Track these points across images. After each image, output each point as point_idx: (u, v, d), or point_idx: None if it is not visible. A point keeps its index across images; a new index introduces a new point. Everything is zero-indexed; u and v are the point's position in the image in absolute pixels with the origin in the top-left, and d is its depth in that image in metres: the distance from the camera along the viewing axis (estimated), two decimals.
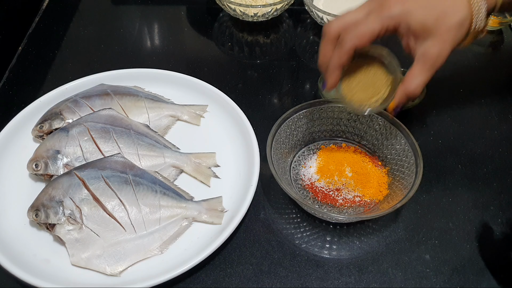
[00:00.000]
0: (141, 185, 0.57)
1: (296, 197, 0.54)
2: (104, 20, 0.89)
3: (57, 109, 0.65)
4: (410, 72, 0.53)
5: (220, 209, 0.58)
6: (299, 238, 0.57)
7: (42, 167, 0.59)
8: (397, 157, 0.61)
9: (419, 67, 0.52)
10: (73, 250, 0.53)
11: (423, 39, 0.51)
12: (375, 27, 0.51)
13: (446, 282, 0.54)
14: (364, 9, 0.53)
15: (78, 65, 0.79)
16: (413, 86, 0.52)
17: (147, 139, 0.63)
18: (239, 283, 0.54)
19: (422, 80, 0.52)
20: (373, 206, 0.59)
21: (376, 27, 0.51)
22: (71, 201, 0.54)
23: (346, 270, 0.55)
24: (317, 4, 0.84)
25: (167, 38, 0.85)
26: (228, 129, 0.67)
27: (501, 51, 0.83)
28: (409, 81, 0.52)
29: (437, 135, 0.69)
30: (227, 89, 0.71)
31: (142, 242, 0.55)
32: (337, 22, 0.53)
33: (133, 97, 0.68)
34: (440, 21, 0.50)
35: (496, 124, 0.70)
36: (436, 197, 0.61)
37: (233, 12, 0.83)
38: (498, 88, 0.77)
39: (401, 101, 0.54)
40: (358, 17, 0.52)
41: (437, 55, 0.51)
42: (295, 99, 0.75)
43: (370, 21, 0.51)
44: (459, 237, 0.58)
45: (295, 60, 0.81)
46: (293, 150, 0.64)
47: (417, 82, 0.52)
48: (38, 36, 0.84)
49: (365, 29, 0.51)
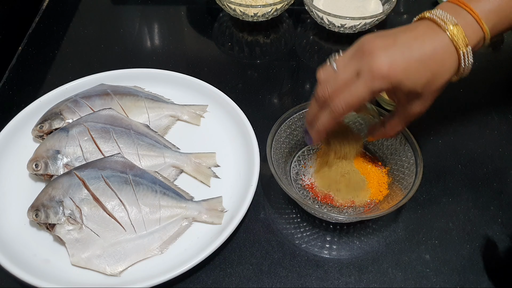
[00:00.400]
0: (141, 185, 0.57)
1: (296, 197, 0.54)
2: (104, 20, 0.89)
3: (57, 109, 0.65)
4: (391, 122, 0.56)
5: (220, 209, 0.58)
6: (299, 238, 0.57)
7: (42, 167, 0.59)
8: (397, 157, 0.61)
9: (400, 120, 0.55)
10: (73, 250, 0.53)
11: (408, 100, 0.52)
12: (365, 96, 0.49)
13: (446, 282, 0.54)
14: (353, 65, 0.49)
15: (78, 65, 0.79)
16: (391, 133, 0.57)
17: (147, 139, 0.63)
18: (239, 283, 0.54)
19: (400, 129, 0.57)
20: (373, 206, 0.59)
21: (366, 96, 0.49)
22: (71, 201, 0.54)
23: (346, 270, 0.55)
24: (317, 4, 0.83)
25: (167, 38, 0.85)
26: (228, 129, 0.67)
27: (501, 51, 0.83)
28: (389, 129, 0.57)
29: (437, 135, 0.68)
30: (227, 89, 0.71)
31: (142, 242, 0.55)
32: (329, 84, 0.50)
33: (133, 97, 0.68)
34: (428, 86, 0.49)
35: (496, 124, 0.70)
36: (436, 197, 0.61)
37: (233, 12, 0.83)
38: (498, 88, 0.77)
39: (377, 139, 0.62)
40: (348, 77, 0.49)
41: (419, 112, 0.53)
42: (295, 99, 0.75)
43: (360, 88, 0.48)
44: (459, 237, 0.58)
45: (295, 60, 0.81)
46: (293, 150, 0.64)
47: (396, 130, 0.57)
48: (38, 36, 0.84)
49: (355, 99, 0.49)
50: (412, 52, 0.48)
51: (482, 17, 0.49)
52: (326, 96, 0.51)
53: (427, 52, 0.48)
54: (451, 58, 0.49)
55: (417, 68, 0.48)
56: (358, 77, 0.49)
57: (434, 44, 0.48)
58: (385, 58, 0.47)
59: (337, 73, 0.50)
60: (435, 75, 0.49)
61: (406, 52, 0.48)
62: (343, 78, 0.50)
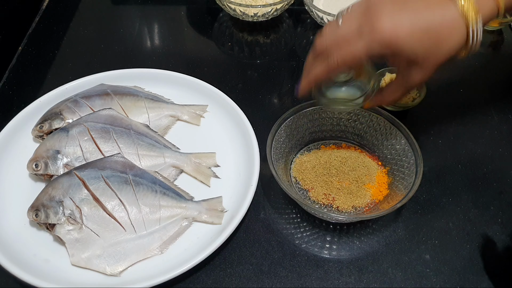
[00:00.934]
0: (141, 185, 0.57)
1: (296, 197, 0.54)
2: (104, 20, 0.89)
3: (57, 109, 0.65)
4: (389, 87, 0.55)
5: (220, 209, 0.58)
6: (299, 238, 0.57)
7: (42, 167, 0.59)
8: (397, 157, 0.61)
9: (398, 86, 0.54)
10: (73, 250, 0.53)
11: (409, 66, 0.50)
12: (362, 53, 0.48)
13: (446, 282, 0.54)
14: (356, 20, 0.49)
15: (78, 65, 0.79)
16: (388, 100, 0.56)
17: (147, 139, 0.63)
18: (239, 283, 0.54)
19: (398, 96, 0.55)
20: (373, 206, 0.59)
21: (363, 53, 0.48)
22: (71, 201, 0.54)
23: (346, 270, 0.55)
24: (317, 4, 0.83)
25: (167, 38, 0.85)
26: (228, 129, 0.67)
27: (501, 51, 0.83)
28: (386, 95, 0.56)
29: (437, 135, 0.68)
30: (227, 89, 0.71)
31: (142, 242, 0.55)
32: (329, 37, 0.51)
33: (133, 97, 0.68)
34: (430, 57, 0.48)
35: (496, 124, 0.70)
36: (436, 197, 0.61)
37: (233, 12, 0.83)
38: (498, 88, 0.77)
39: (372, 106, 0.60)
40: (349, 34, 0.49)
41: (418, 81, 0.51)
42: (295, 99, 0.74)
43: (359, 47, 0.48)
44: (459, 237, 0.58)
45: (295, 60, 0.81)
46: (293, 150, 0.64)
47: (393, 97, 0.55)
48: (38, 36, 0.84)
49: (353, 55, 0.49)
50: (419, 20, 0.47)
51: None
52: (323, 48, 0.51)
53: (434, 22, 0.47)
54: (459, 33, 0.47)
55: (420, 37, 0.47)
56: (359, 36, 0.48)
57: (443, 15, 0.47)
58: (389, 22, 0.46)
59: (339, 28, 0.50)
60: (439, 46, 0.48)
61: (412, 19, 0.47)
62: (344, 34, 0.49)
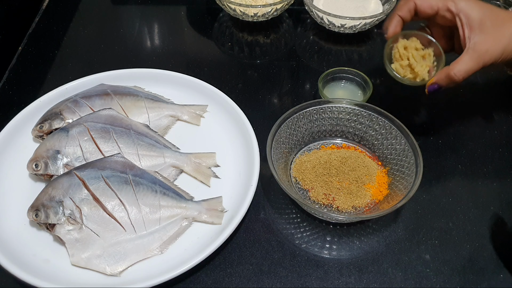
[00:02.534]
0: (141, 185, 0.57)
1: (296, 197, 0.54)
2: (104, 20, 0.89)
3: (57, 109, 0.65)
4: (458, 58, 0.58)
5: (220, 209, 0.58)
6: (299, 238, 0.57)
7: (42, 167, 0.59)
8: (397, 157, 0.61)
9: (467, 56, 0.57)
10: (73, 250, 0.53)
11: (478, 33, 0.56)
12: (437, 2, 0.59)
13: (446, 282, 0.54)
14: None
15: (78, 65, 0.79)
16: (456, 69, 0.57)
17: (147, 139, 0.63)
18: (239, 283, 0.54)
19: (466, 67, 0.57)
20: (373, 206, 0.59)
21: (438, 2, 0.59)
22: (71, 201, 0.54)
23: (346, 270, 0.55)
24: (317, 4, 0.83)
25: (167, 38, 0.85)
26: (228, 129, 0.67)
27: None
28: (454, 64, 0.58)
29: (437, 135, 0.68)
30: (227, 89, 0.71)
31: (142, 242, 0.55)
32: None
33: (133, 97, 0.68)
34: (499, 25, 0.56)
35: (496, 124, 0.70)
36: (436, 197, 0.61)
37: (233, 12, 0.83)
38: (498, 88, 0.77)
39: (440, 81, 0.60)
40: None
41: (486, 49, 0.56)
42: (295, 99, 0.75)
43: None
44: (459, 237, 0.58)
45: (295, 60, 0.81)
46: (293, 150, 0.64)
47: (461, 67, 0.57)
48: (38, 36, 0.84)
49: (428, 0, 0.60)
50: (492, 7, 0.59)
51: None
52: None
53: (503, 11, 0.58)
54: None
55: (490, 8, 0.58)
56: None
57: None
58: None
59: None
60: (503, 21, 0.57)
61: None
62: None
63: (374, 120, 0.63)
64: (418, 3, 0.61)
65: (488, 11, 0.57)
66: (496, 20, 0.57)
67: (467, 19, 0.57)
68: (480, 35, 0.57)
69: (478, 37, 0.57)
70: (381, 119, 0.62)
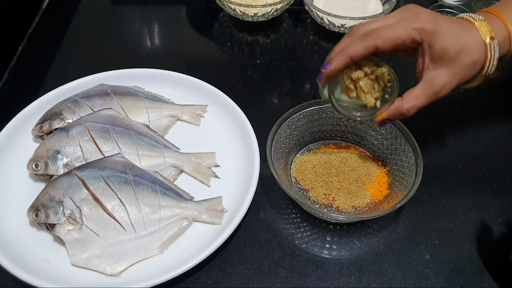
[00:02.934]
0: (141, 185, 0.57)
1: (296, 197, 0.54)
2: (104, 20, 0.89)
3: (57, 109, 0.65)
4: (411, 91, 0.53)
5: (220, 209, 0.58)
6: (299, 238, 0.57)
7: (42, 167, 0.59)
8: (397, 157, 0.61)
9: (422, 90, 0.53)
10: (73, 250, 0.53)
11: (438, 65, 0.52)
12: (402, 33, 0.50)
13: (446, 282, 0.54)
14: (396, 16, 0.53)
15: (78, 65, 0.79)
16: (408, 106, 0.53)
17: (147, 139, 0.63)
18: (239, 283, 0.54)
19: (420, 103, 0.53)
20: (373, 206, 0.59)
21: (404, 34, 0.50)
22: (71, 201, 0.54)
23: (346, 270, 0.55)
24: (317, 4, 0.83)
25: (167, 38, 0.85)
26: (228, 129, 0.67)
27: None
28: (406, 100, 0.53)
29: (437, 135, 0.68)
30: (227, 89, 0.71)
31: (142, 242, 0.55)
32: (365, 24, 0.53)
33: (133, 97, 0.68)
34: (459, 56, 0.52)
35: (496, 124, 0.70)
36: (436, 197, 0.61)
37: (233, 12, 0.83)
38: (498, 88, 0.77)
39: (391, 116, 0.54)
40: (391, 21, 0.52)
41: (443, 85, 0.52)
42: (295, 99, 0.75)
43: (399, 27, 0.51)
44: (459, 237, 0.58)
45: (295, 60, 0.81)
46: (293, 150, 0.64)
47: (413, 104, 0.53)
48: (38, 36, 0.84)
49: (393, 32, 0.50)
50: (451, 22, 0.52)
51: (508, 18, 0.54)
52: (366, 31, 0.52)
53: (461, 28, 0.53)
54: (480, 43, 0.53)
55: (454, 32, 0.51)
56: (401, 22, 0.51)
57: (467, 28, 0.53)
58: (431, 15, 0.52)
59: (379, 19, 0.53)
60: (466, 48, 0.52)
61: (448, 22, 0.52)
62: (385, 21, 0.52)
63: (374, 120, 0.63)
64: (379, 45, 0.50)
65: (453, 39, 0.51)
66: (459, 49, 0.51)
67: (430, 49, 0.52)
68: (439, 69, 0.52)
69: (436, 71, 0.52)
70: None
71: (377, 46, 0.50)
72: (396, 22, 0.52)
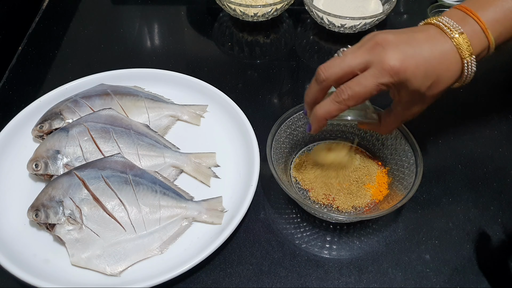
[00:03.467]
0: (141, 185, 0.57)
1: (296, 197, 0.54)
2: (104, 20, 0.89)
3: (57, 109, 0.65)
4: (386, 120, 0.56)
5: (220, 209, 0.58)
6: (299, 238, 0.57)
7: (42, 167, 0.59)
8: (397, 157, 0.61)
9: (395, 119, 0.55)
10: (73, 250, 0.53)
11: (410, 99, 0.51)
12: (373, 89, 0.48)
13: (446, 282, 0.54)
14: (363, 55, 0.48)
15: (78, 65, 0.79)
16: (386, 131, 0.58)
17: (147, 139, 0.63)
18: (239, 283, 0.54)
19: (394, 127, 0.58)
20: (373, 206, 0.59)
21: (374, 89, 0.48)
22: (71, 201, 0.54)
23: (346, 270, 0.55)
24: (317, 4, 0.83)
25: (167, 38, 0.85)
26: (228, 129, 0.67)
27: (501, 51, 0.82)
28: (384, 126, 0.57)
29: (437, 135, 0.68)
30: (227, 89, 0.71)
31: (142, 242, 0.55)
32: (334, 69, 0.49)
33: (133, 97, 0.68)
34: (431, 89, 0.50)
35: (496, 124, 0.70)
36: (436, 197, 0.61)
37: (233, 12, 0.83)
38: (498, 88, 0.77)
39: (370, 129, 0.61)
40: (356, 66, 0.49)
41: (415, 113, 0.54)
42: (295, 99, 0.75)
43: (368, 81, 0.48)
44: (459, 237, 0.58)
45: (295, 60, 0.81)
46: (293, 150, 0.64)
47: (390, 128, 0.57)
48: (38, 36, 0.84)
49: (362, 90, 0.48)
50: (423, 53, 0.48)
51: (488, 26, 0.49)
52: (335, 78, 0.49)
53: (436, 55, 0.48)
54: (456, 65, 0.50)
55: (426, 69, 0.48)
56: (368, 69, 0.48)
57: (443, 48, 0.49)
58: (397, 54, 0.47)
59: (344, 58, 0.49)
60: (440, 78, 0.49)
61: (417, 51, 0.48)
62: (352, 65, 0.49)
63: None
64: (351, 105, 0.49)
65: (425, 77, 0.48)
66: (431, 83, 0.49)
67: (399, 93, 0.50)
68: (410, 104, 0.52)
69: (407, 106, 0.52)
70: None
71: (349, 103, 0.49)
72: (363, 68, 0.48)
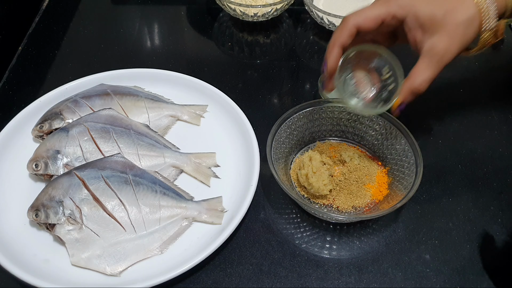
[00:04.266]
0: (141, 185, 0.57)
1: (296, 197, 0.54)
2: (104, 20, 0.89)
3: (57, 109, 0.65)
4: (416, 67, 0.51)
5: (220, 209, 0.58)
6: (299, 238, 0.57)
7: (42, 167, 0.59)
8: (397, 157, 0.61)
9: (425, 62, 0.51)
10: (73, 250, 0.53)
11: (431, 33, 0.50)
12: (380, 10, 0.51)
13: (446, 282, 0.54)
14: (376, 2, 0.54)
15: (78, 65, 0.79)
16: (418, 81, 0.51)
17: (147, 139, 0.63)
18: (239, 283, 0.54)
19: (429, 76, 0.51)
20: (373, 206, 0.59)
21: (381, 11, 0.51)
22: (71, 201, 0.54)
23: (346, 270, 0.55)
24: (317, 4, 0.84)
25: (167, 38, 0.85)
26: (228, 129, 0.67)
27: (501, 51, 0.83)
28: (414, 77, 0.51)
29: (437, 135, 0.68)
30: (227, 89, 0.71)
31: (142, 242, 0.55)
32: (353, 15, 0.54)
33: (133, 97, 0.68)
34: (449, 16, 0.49)
35: (496, 124, 0.70)
36: (436, 197, 0.61)
37: (233, 12, 0.83)
38: (498, 88, 0.77)
39: (406, 99, 0.53)
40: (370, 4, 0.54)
41: (444, 50, 0.50)
42: (295, 99, 0.75)
43: (376, 6, 0.52)
44: (459, 237, 0.58)
45: (295, 60, 0.81)
46: (293, 150, 0.64)
47: (423, 78, 0.51)
48: (38, 36, 0.84)
49: (370, 12, 0.52)
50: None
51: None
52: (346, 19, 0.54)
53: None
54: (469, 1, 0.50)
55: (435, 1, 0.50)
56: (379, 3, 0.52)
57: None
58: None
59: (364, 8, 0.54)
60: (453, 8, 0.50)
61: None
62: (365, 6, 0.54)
63: (374, 120, 0.63)
64: (359, 24, 0.52)
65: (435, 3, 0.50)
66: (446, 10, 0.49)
67: (416, 21, 0.50)
68: (433, 37, 0.50)
69: (431, 40, 0.50)
70: (381, 119, 0.62)
71: (359, 26, 0.51)
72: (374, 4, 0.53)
